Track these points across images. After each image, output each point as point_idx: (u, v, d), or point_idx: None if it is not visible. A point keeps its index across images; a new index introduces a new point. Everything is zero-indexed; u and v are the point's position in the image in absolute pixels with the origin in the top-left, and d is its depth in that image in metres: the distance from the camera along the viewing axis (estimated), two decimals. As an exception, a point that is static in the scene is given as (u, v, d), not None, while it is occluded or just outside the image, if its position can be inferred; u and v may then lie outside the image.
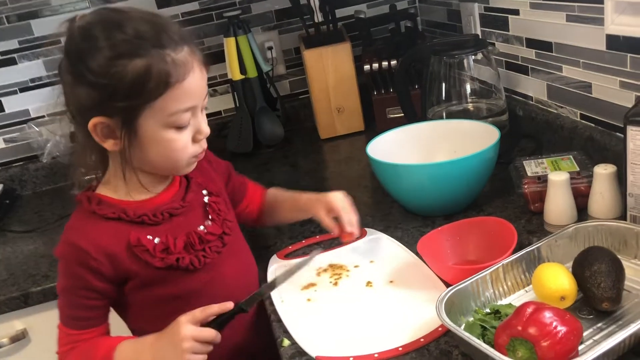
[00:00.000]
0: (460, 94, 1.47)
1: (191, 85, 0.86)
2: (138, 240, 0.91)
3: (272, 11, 1.94)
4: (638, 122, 0.91)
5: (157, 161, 0.90)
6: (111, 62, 0.82)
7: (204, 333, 0.87)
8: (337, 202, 1.05)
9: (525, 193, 1.11)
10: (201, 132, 0.91)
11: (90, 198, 0.92)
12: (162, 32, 0.85)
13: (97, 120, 0.85)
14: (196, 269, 0.95)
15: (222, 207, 1.02)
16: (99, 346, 0.91)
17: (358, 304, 0.97)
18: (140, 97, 0.83)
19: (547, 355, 0.70)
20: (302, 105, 2.00)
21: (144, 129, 0.86)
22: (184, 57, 0.85)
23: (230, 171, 1.14)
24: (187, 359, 0.85)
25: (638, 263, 0.91)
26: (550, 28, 1.30)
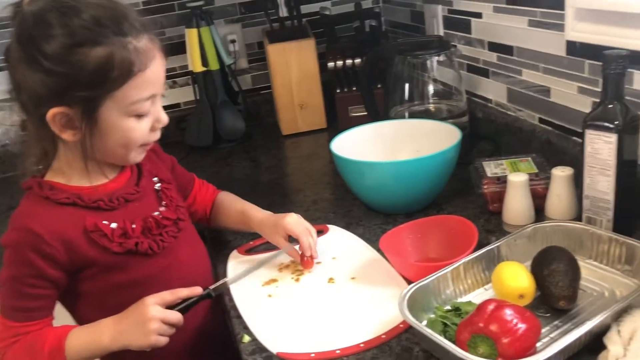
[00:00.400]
0: (422, 94, 1.48)
1: (153, 73, 0.85)
2: (95, 225, 0.89)
3: (236, 4, 1.91)
4: (596, 126, 0.94)
5: (113, 150, 0.89)
6: (71, 50, 0.79)
7: (170, 315, 0.88)
8: (294, 227, 1.04)
9: (485, 193, 1.13)
10: (160, 120, 0.90)
11: (41, 184, 0.89)
12: (123, 19, 0.83)
13: (57, 111, 0.82)
14: (155, 254, 0.94)
15: (173, 194, 1.02)
16: (46, 337, 0.88)
17: (320, 300, 0.97)
18: (102, 86, 0.81)
19: (508, 352, 0.71)
20: (264, 101, 1.99)
21: (105, 118, 0.84)
22: (146, 45, 0.84)
23: (174, 165, 1.12)
24: (154, 340, 0.86)
25: (593, 263, 0.94)
26: (512, 32, 1.33)
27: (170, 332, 0.88)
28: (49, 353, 0.86)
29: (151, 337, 0.86)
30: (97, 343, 0.88)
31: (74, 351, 0.87)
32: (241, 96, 1.85)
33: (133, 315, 0.88)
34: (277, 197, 1.39)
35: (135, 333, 0.86)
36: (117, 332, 0.87)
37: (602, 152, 0.94)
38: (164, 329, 0.87)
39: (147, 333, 0.85)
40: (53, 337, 0.88)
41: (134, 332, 0.86)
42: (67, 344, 0.87)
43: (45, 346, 0.86)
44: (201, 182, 1.18)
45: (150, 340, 0.86)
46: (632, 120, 0.93)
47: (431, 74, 1.46)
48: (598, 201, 0.97)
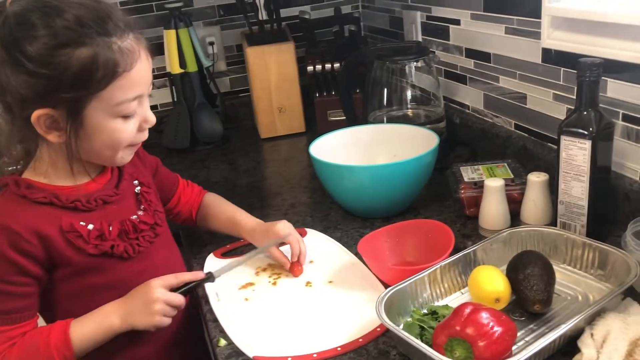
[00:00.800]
0: (400, 99, 1.49)
1: (139, 73, 0.84)
2: (71, 225, 0.87)
3: (215, 6, 1.90)
4: (571, 132, 0.95)
5: (100, 151, 0.88)
6: (54, 52, 0.78)
7: (174, 298, 0.90)
8: (287, 236, 1.05)
9: (462, 198, 1.14)
10: (147, 120, 0.89)
11: (18, 182, 0.87)
12: (107, 19, 0.81)
13: (41, 112, 0.80)
14: (130, 257, 0.93)
15: (152, 199, 1.01)
16: (47, 333, 0.86)
17: (297, 303, 0.96)
18: (87, 87, 0.80)
19: (484, 355, 0.71)
20: (243, 104, 1.98)
21: (90, 120, 0.83)
22: (131, 45, 0.83)
23: (158, 166, 1.12)
24: (158, 320, 0.88)
25: (567, 267, 0.95)
26: (490, 39, 1.34)
27: (172, 313, 0.90)
28: (56, 347, 0.84)
29: (156, 317, 0.88)
30: (106, 327, 0.88)
31: (81, 340, 0.86)
32: (219, 99, 1.84)
33: (139, 296, 0.90)
34: (254, 200, 1.39)
35: (141, 313, 0.88)
36: (126, 312, 0.89)
37: (577, 158, 0.96)
38: (167, 310, 0.89)
39: (152, 313, 0.88)
40: (56, 331, 0.86)
41: (140, 312, 0.88)
42: (72, 334, 0.86)
43: (51, 342, 0.85)
44: (186, 182, 1.18)
45: (155, 320, 0.88)
46: (606, 127, 0.95)
47: (409, 80, 1.47)
48: (572, 206, 0.99)
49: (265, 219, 1.20)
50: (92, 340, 0.87)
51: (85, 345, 0.87)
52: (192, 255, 1.14)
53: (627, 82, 1.01)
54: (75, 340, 0.86)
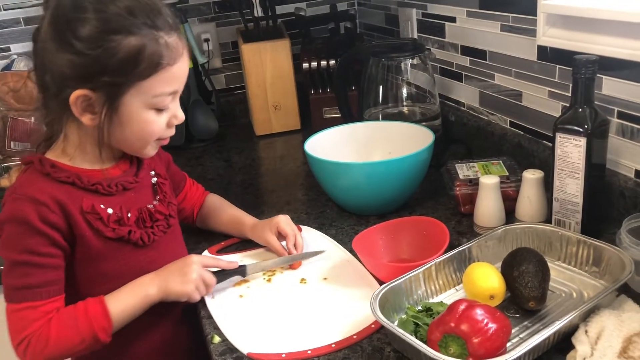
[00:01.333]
0: (396, 97, 1.49)
1: (179, 70, 0.87)
2: (92, 207, 0.89)
3: (210, 3, 1.90)
4: (566, 129, 0.95)
5: (130, 141, 0.90)
6: (105, 36, 0.81)
7: (207, 275, 0.94)
8: (285, 225, 1.07)
9: (457, 195, 1.14)
10: (177, 117, 0.92)
11: (42, 160, 0.89)
12: (157, 13, 0.84)
13: (80, 93, 0.83)
14: (144, 245, 0.95)
15: (167, 190, 1.03)
16: (84, 306, 0.86)
17: (292, 300, 0.96)
18: (130, 75, 0.83)
19: (478, 352, 0.71)
20: (238, 101, 1.97)
21: (126, 107, 0.85)
22: (176, 41, 0.86)
23: (170, 162, 1.13)
24: (191, 290, 0.92)
25: (562, 264, 0.95)
26: (485, 37, 1.34)
27: (203, 290, 0.94)
28: (95, 318, 0.85)
29: (190, 285, 0.92)
30: (142, 295, 0.90)
31: (118, 310, 0.87)
32: (214, 96, 1.84)
33: (176, 266, 0.94)
34: (250, 197, 1.38)
35: (177, 281, 0.91)
36: (162, 280, 0.91)
37: (572, 155, 0.96)
38: (200, 284, 0.93)
39: (188, 281, 0.92)
40: (92, 303, 0.87)
41: (176, 279, 0.92)
42: (109, 305, 0.86)
43: (89, 313, 0.85)
44: (192, 181, 1.20)
45: (189, 288, 0.92)
46: (601, 125, 0.95)
47: (405, 77, 1.47)
48: (567, 204, 0.99)
49: (261, 216, 1.20)
50: (128, 310, 0.89)
51: (122, 315, 0.88)
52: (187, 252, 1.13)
53: (622, 79, 1.01)
54: (113, 310, 0.87)
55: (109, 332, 0.86)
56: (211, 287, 0.95)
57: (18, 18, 1.72)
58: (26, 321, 0.84)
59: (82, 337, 0.84)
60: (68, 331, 0.84)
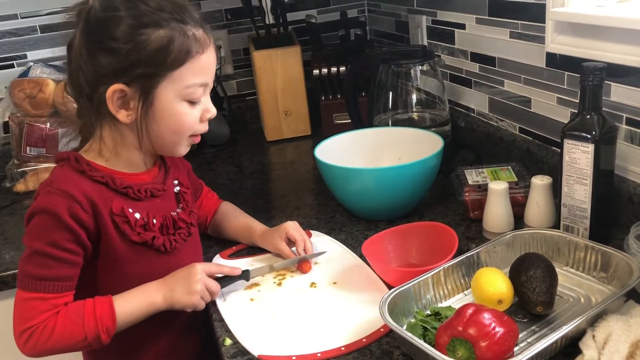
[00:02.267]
0: (406, 103, 1.50)
1: (208, 60, 0.91)
2: (121, 210, 0.92)
3: (222, 10, 1.92)
4: (574, 136, 0.96)
5: (164, 136, 0.92)
6: (135, 31, 0.85)
7: (212, 283, 0.96)
8: (294, 232, 1.09)
9: (466, 200, 1.15)
10: (209, 110, 0.95)
11: (78, 158, 0.92)
12: (184, 10, 0.89)
13: (116, 87, 0.86)
14: (166, 252, 0.97)
15: (189, 199, 1.05)
16: (91, 303, 0.88)
17: (301, 304, 0.97)
18: (161, 66, 0.86)
19: (486, 355, 0.72)
20: (249, 107, 1.99)
21: (160, 100, 0.88)
22: (202, 34, 0.90)
23: (189, 171, 1.15)
24: (196, 301, 0.93)
25: (570, 270, 0.96)
26: (494, 43, 1.35)
27: (208, 299, 0.95)
28: (100, 318, 0.87)
29: (195, 296, 0.93)
30: (148, 303, 0.91)
31: (124, 314, 0.89)
32: (226, 102, 1.86)
33: (181, 276, 0.94)
34: (260, 202, 1.40)
35: (183, 291, 0.92)
36: (168, 289, 0.93)
37: (580, 161, 0.96)
38: (205, 293, 0.94)
39: (193, 292, 0.92)
40: (100, 303, 0.88)
41: (181, 290, 0.93)
42: (116, 307, 0.88)
43: (96, 312, 0.87)
44: (208, 189, 1.22)
45: (194, 299, 0.93)
46: (609, 131, 0.96)
47: (415, 83, 1.48)
48: (575, 209, 0.99)
49: (271, 221, 1.22)
50: (133, 315, 0.90)
51: (126, 319, 0.89)
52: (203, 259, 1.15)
53: (630, 86, 1.02)
54: (119, 313, 0.88)
55: (111, 333, 0.88)
56: (216, 294, 0.96)
57: (34, 26, 1.75)
58: (34, 311, 0.85)
59: (86, 334, 0.86)
60: (73, 327, 0.86)
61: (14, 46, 1.75)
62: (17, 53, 1.76)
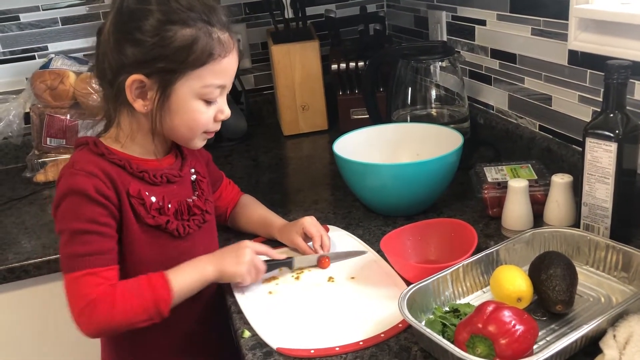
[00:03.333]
0: (425, 99, 1.50)
1: (229, 64, 0.92)
2: (138, 192, 0.94)
3: (241, 4, 1.93)
4: (596, 134, 0.95)
5: (179, 129, 0.94)
6: (162, 26, 0.88)
7: (259, 261, 0.99)
8: (311, 226, 1.10)
9: (485, 198, 1.15)
10: (223, 112, 0.97)
11: (97, 143, 0.94)
12: (213, 12, 0.91)
13: (136, 77, 0.88)
14: (180, 236, 0.99)
15: (205, 187, 1.07)
16: (147, 277, 0.89)
17: (319, 298, 0.98)
18: (183, 62, 0.88)
19: (505, 353, 0.72)
20: (266, 101, 2.00)
21: (177, 95, 0.90)
22: (227, 38, 0.92)
23: (209, 161, 1.17)
24: (244, 271, 0.96)
25: (590, 269, 0.95)
26: (515, 40, 1.34)
27: (254, 276, 0.98)
28: (157, 289, 0.88)
29: (243, 266, 0.96)
30: (201, 273, 0.94)
31: (178, 285, 0.91)
32: (244, 96, 1.86)
33: (230, 248, 0.99)
34: (277, 196, 1.40)
35: (232, 262, 0.96)
36: (217, 260, 0.96)
37: (602, 160, 0.95)
38: (252, 268, 0.97)
39: (241, 262, 0.96)
40: (155, 275, 0.90)
41: (231, 260, 0.96)
42: (171, 279, 0.90)
43: (152, 282, 0.89)
44: (228, 181, 1.23)
45: (243, 269, 0.96)
46: (632, 130, 0.95)
47: (434, 79, 1.48)
48: (596, 208, 0.99)
49: (288, 215, 1.22)
50: (187, 286, 0.92)
51: (182, 290, 0.91)
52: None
53: (654, 85, 1.01)
54: (175, 284, 0.90)
55: (169, 304, 0.89)
56: (261, 272, 0.99)
57: (56, 18, 1.77)
58: (90, 286, 0.86)
59: (146, 305, 0.87)
60: (133, 298, 0.87)
61: (35, 38, 1.77)
62: (39, 45, 1.77)
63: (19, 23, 1.74)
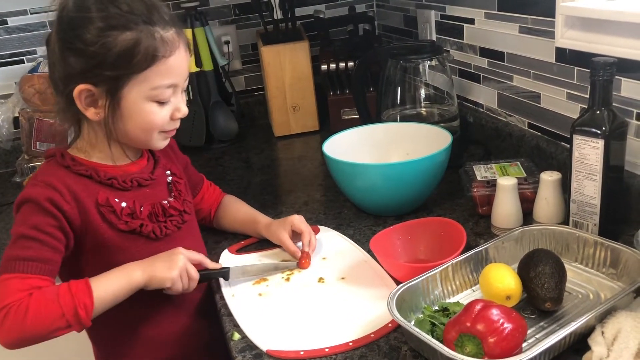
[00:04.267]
0: (414, 98, 1.50)
1: (176, 62, 0.91)
2: (106, 200, 0.93)
3: (230, 5, 1.92)
4: (584, 131, 0.95)
5: (134, 133, 0.94)
6: (102, 33, 0.85)
7: (192, 269, 0.95)
8: (300, 224, 1.09)
9: (475, 196, 1.15)
10: (180, 110, 0.95)
11: (64, 154, 0.94)
12: (154, 10, 0.89)
13: (83, 87, 0.88)
14: (157, 239, 0.98)
15: (182, 188, 1.06)
16: (67, 284, 0.87)
17: (310, 299, 0.97)
18: (127, 67, 0.87)
19: (494, 351, 0.72)
20: (257, 102, 2.00)
21: (127, 100, 0.89)
22: (172, 36, 0.90)
23: (187, 164, 1.16)
24: (175, 275, 0.92)
25: (579, 266, 0.95)
26: (503, 38, 1.34)
27: (186, 283, 0.94)
28: (76, 293, 0.85)
29: (175, 271, 0.92)
30: (128, 278, 0.90)
31: (102, 291, 0.87)
32: (234, 97, 1.86)
33: (164, 253, 0.95)
34: (268, 197, 1.40)
35: (163, 266, 0.92)
36: (147, 264, 0.93)
37: (590, 157, 0.96)
38: (184, 274, 0.94)
39: (173, 267, 0.92)
40: (75, 281, 0.87)
41: (162, 264, 0.93)
42: (92, 283, 0.87)
43: (71, 288, 0.86)
44: (209, 183, 1.22)
45: (174, 274, 0.92)
46: (619, 127, 0.95)
47: (423, 78, 1.48)
48: (585, 205, 0.99)
49: (279, 216, 1.21)
50: (111, 291, 0.88)
51: (105, 296, 0.87)
52: (208, 251, 1.16)
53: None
54: (96, 289, 0.87)
55: (89, 310, 0.85)
56: (194, 281, 0.96)
57: (44, 22, 1.76)
58: (10, 290, 0.84)
59: (62, 310, 0.83)
60: (49, 304, 0.83)
61: (24, 42, 1.76)
62: (27, 49, 1.77)
63: (7, 27, 1.74)
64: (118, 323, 0.97)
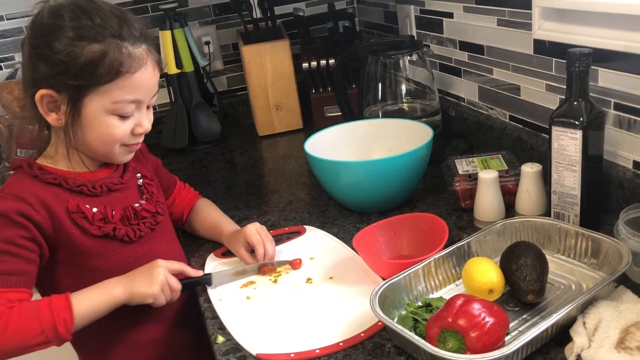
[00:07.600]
0: (395, 94, 1.49)
1: (141, 79, 0.90)
2: (77, 207, 0.93)
3: (209, 5, 1.91)
4: (562, 122, 0.96)
5: (94, 144, 0.93)
6: (71, 42, 0.86)
7: (173, 280, 0.95)
8: (251, 236, 1.06)
9: (457, 190, 1.15)
10: (142, 125, 0.95)
11: (31, 164, 0.94)
12: (126, 26, 0.89)
13: (45, 92, 0.88)
14: (131, 241, 0.98)
15: (154, 190, 1.06)
16: (48, 299, 0.87)
17: (298, 300, 0.97)
18: (89, 79, 0.88)
19: (476, 346, 0.72)
20: (240, 102, 1.99)
21: (87, 110, 0.90)
22: (140, 52, 0.90)
23: (159, 167, 1.16)
24: (156, 291, 0.92)
25: (561, 257, 0.96)
26: (482, 32, 1.35)
27: (168, 295, 0.94)
28: (56, 310, 0.85)
29: (156, 286, 0.92)
30: (107, 294, 0.91)
31: (83, 305, 0.88)
32: (217, 98, 1.85)
33: (143, 268, 0.95)
34: (252, 197, 1.40)
35: (143, 281, 0.92)
36: (128, 280, 0.92)
37: (568, 148, 0.96)
38: (166, 287, 0.93)
39: (153, 283, 0.92)
40: (56, 296, 0.87)
41: (141, 280, 0.92)
42: (73, 299, 0.87)
43: (52, 304, 0.86)
44: (182, 185, 1.21)
45: (155, 289, 0.92)
46: (596, 117, 0.96)
47: (404, 74, 1.48)
48: (565, 196, 0.99)
49: (263, 217, 1.21)
50: (92, 307, 0.89)
51: (86, 312, 0.88)
52: (191, 254, 1.15)
53: (618, 71, 1.01)
54: (77, 305, 0.87)
55: (69, 326, 0.85)
56: (176, 292, 0.96)
57: (21, 27, 1.74)
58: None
59: (42, 327, 0.83)
60: (29, 320, 0.84)
61: (1, 48, 1.74)
62: (5, 55, 1.75)
63: (25, 25, 1.72)
64: (100, 328, 0.96)
